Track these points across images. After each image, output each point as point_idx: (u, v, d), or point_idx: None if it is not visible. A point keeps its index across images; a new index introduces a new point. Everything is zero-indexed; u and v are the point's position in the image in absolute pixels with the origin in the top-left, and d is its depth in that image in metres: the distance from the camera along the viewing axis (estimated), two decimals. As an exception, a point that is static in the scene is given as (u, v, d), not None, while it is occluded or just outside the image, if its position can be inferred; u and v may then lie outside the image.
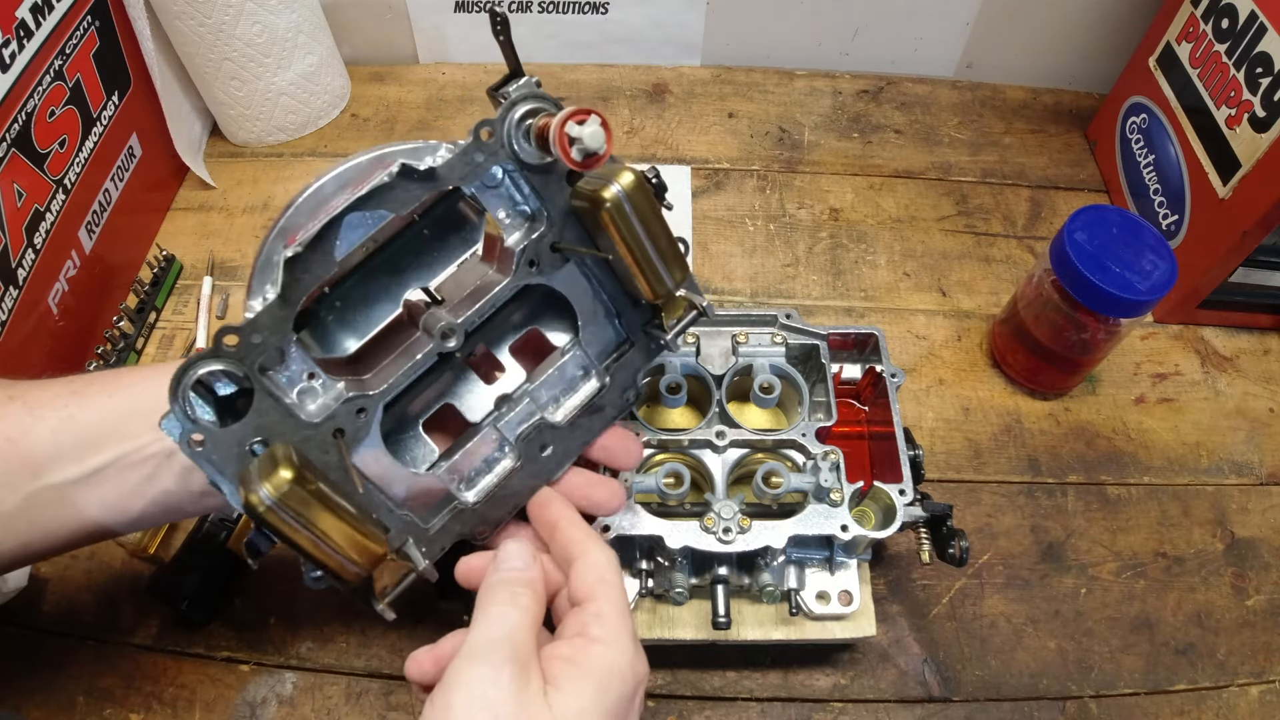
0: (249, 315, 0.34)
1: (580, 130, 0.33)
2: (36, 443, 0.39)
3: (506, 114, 0.37)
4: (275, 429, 0.35)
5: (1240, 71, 0.65)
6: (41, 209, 0.63)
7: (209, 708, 0.55)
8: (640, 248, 0.37)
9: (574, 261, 0.41)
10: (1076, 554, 0.62)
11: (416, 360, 0.38)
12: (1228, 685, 0.57)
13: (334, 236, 0.36)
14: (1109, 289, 0.58)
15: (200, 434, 0.34)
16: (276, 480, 0.31)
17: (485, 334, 0.44)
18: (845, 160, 0.87)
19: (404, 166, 0.35)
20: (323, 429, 0.37)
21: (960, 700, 0.56)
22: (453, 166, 0.36)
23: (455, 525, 0.41)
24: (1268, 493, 0.66)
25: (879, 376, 0.54)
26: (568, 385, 0.44)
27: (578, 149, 0.34)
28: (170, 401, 0.33)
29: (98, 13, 0.70)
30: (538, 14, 0.91)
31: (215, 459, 0.34)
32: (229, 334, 0.34)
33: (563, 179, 0.39)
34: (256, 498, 0.31)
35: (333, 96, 0.88)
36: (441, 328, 0.38)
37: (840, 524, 0.47)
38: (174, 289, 0.76)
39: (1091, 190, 0.86)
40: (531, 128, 0.36)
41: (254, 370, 0.35)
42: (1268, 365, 0.73)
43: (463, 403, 0.44)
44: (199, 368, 0.34)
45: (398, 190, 0.36)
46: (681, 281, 0.40)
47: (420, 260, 0.41)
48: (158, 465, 0.40)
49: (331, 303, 0.40)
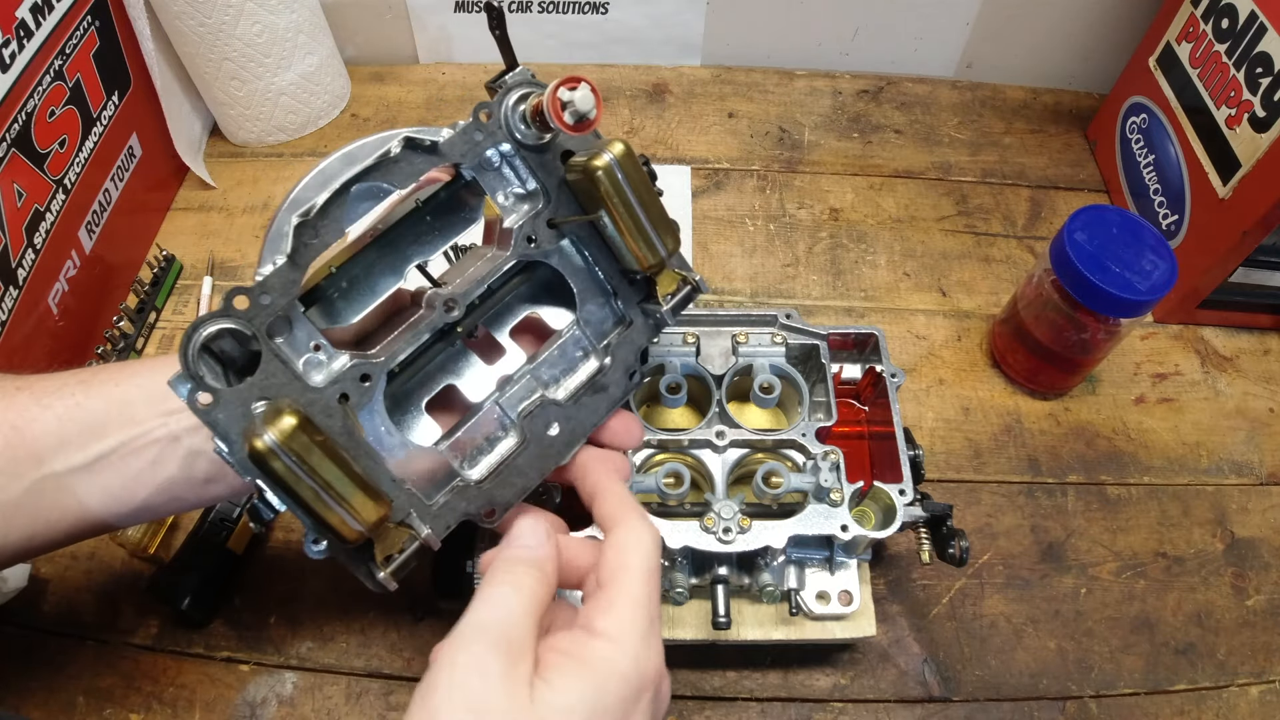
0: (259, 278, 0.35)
1: (571, 95, 0.36)
2: (42, 431, 0.39)
3: (504, 97, 0.39)
4: (281, 391, 0.36)
5: (1240, 71, 0.65)
6: (41, 209, 0.63)
7: (209, 708, 0.55)
8: (632, 213, 0.39)
9: (571, 241, 0.43)
10: (1076, 554, 0.62)
11: (419, 331, 0.40)
12: (1228, 685, 0.57)
13: (341, 206, 0.37)
14: (1109, 289, 0.58)
15: (208, 394, 0.34)
16: (281, 425, 0.32)
17: (486, 315, 0.45)
18: (845, 160, 0.87)
19: (409, 140, 0.38)
20: (327, 394, 0.37)
21: (960, 700, 0.56)
22: (454, 144, 0.39)
23: (460, 503, 0.41)
24: (1268, 493, 0.66)
25: (879, 376, 0.54)
26: (569, 365, 0.45)
27: (570, 112, 0.36)
28: (180, 359, 0.34)
29: (98, 13, 0.70)
30: (538, 14, 0.91)
31: (221, 419, 0.35)
32: (239, 295, 0.35)
33: (557, 157, 0.41)
34: (261, 441, 0.31)
35: (333, 96, 0.88)
36: (444, 299, 0.40)
37: (840, 524, 0.47)
38: (174, 289, 0.76)
39: (1091, 190, 0.86)
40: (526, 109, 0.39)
41: (262, 331, 0.36)
42: (1268, 365, 0.73)
43: (464, 384, 0.45)
44: (208, 325, 0.34)
45: (402, 163, 0.38)
46: (674, 250, 0.42)
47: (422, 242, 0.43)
48: (161, 450, 0.40)
49: (338, 282, 0.41)
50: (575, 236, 0.43)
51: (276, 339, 0.37)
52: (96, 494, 0.40)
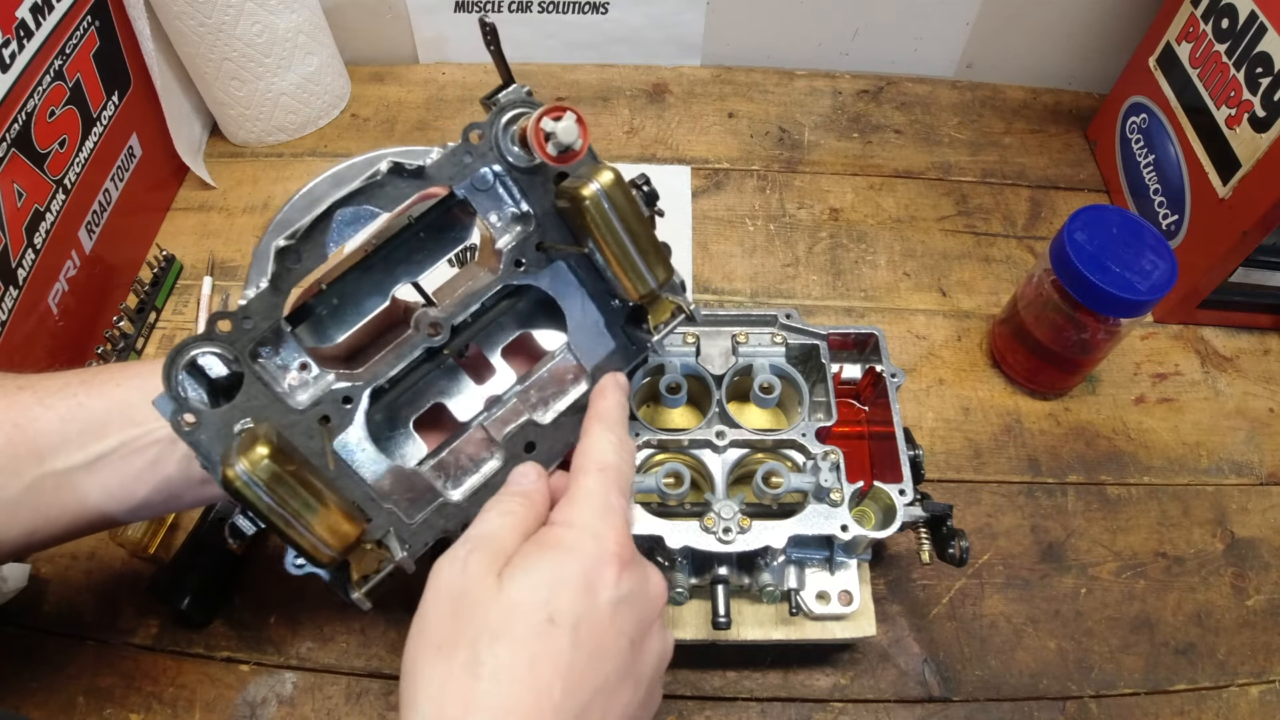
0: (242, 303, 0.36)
1: (554, 125, 0.35)
2: (44, 430, 0.39)
3: (495, 118, 0.38)
4: (263, 413, 0.36)
5: (1240, 71, 0.65)
6: (41, 209, 0.63)
7: (209, 708, 0.55)
8: (620, 245, 0.38)
9: (563, 263, 0.42)
10: (1076, 554, 0.62)
11: (404, 352, 0.40)
12: (1228, 685, 0.57)
13: (326, 230, 0.37)
14: (1109, 289, 0.58)
15: (191, 415, 0.35)
16: (253, 456, 0.32)
17: (477, 335, 0.45)
18: (845, 160, 0.87)
19: (394, 164, 0.37)
20: (309, 415, 0.38)
21: (960, 700, 0.56)
22: (442, 166, 0.38)
23: (439, 520, 0.41)
24: (1268, 493, 0.66)
25: (879, 376, 0.54)
26: (559, 388, 0.45)
27: (552, 144, 0.35)
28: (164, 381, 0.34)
29: (98, 13, 0.70)
30: (538, 14, 0.91)
31: (205, 440, 0.35)
32: (222, 319, 0.35)
33: (549, 180, 0.40)
34: (233, 471, 0.32)
35: (333, 97, 0.88)
36: (429, 321, 0.40)
37: (840, 524, 0.47)
38: (174, 289, 0.76)
39: (1091, 190, 0.86)
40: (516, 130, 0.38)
41: (245, 354, 0.36)
42: (1268, 365, 0.73)
43: (453, 403, 0.45)
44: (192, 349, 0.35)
45: (388, 187, 0.37)
46: (665, 282, 0.41)
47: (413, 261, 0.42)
48: (161, 451, 0.40)
49: (328, 300, 0.41)
50: (567, 261, 0.42)
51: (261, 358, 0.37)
52: (96, 492, 0.40)
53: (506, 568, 0.35)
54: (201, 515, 0.59)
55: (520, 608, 0.33)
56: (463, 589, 0.34)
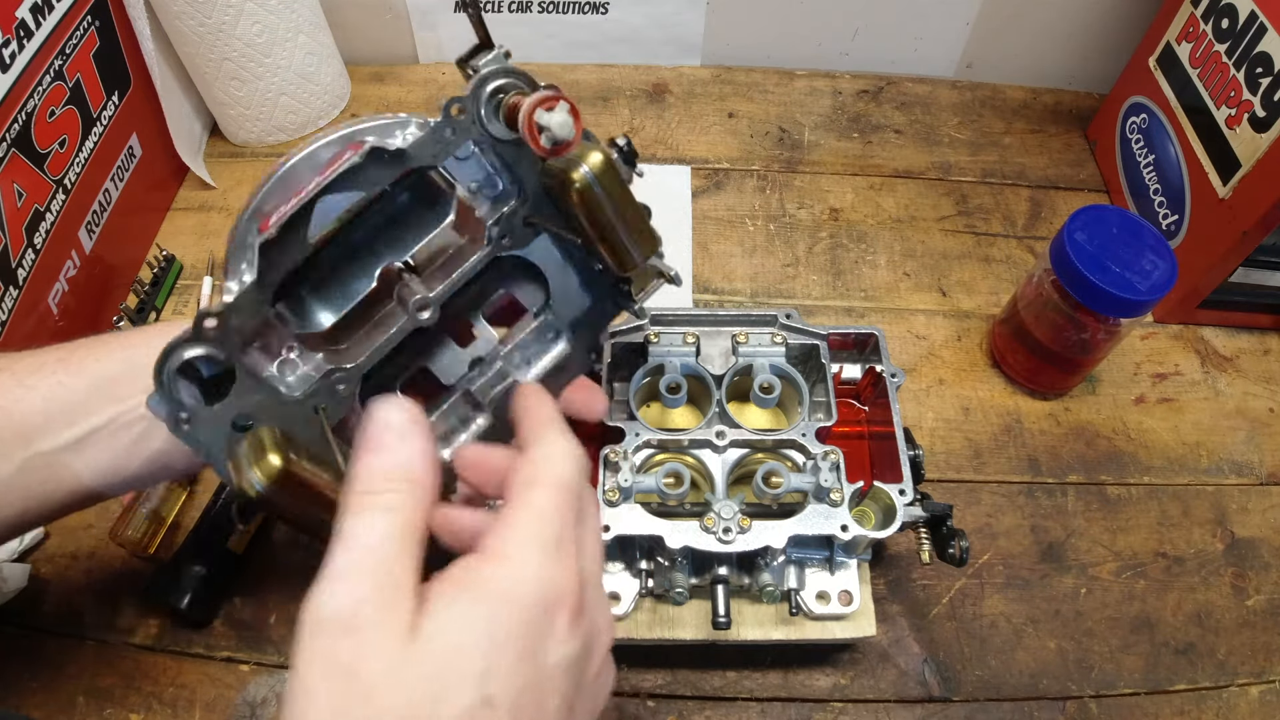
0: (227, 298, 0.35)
1: (549, 119, 0.33)
2: (28, 410, 0.39)
3: (478, 91, 0.37)
4: (258, 408, 0.36)
5: (1240, 71, 0.65)
6: (41, 209, 0.63)
7: (209, 708, 0.55)
8: (609, 227, 0.38)
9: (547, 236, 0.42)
10: (1076, 554, 0.62)
11: (392, 334, 0.39)
12: (1228, 685, 0.57)
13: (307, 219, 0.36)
14: (1109, 289, 0.58)
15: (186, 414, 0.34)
16: (267, 468, 0.32)
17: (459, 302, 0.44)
18: (845, 160, 0.87)
19: (374, 149, 0.35)
20: (305, 405, 0.37)
21: (960, 700, 0.56)
22: (424, 145, 0.37)
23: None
24: (1268, 493, 0.66)
25: (879, 376, 0.54)
26: (541, 347, 0.45)
27: (546, 137, 0.34)
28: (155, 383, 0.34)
29: (98, 13, 0.70)
30: (538, 14, 0.91)
31: (202, 438, 0.35)
32: (209, 318, 0.34)
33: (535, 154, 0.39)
34: (249, 484, 0.32)
35: (333, 96, 0.88)
36: (416, 302, 0.39)
37: (840, 524, 0.47)
38: (174, 289, 0.76)
39: (1091, 190, 0.86)
40: (502, 105, 0.36)
41: (235, 353, 0.35)
42: (1268, 365, 0.73)
43: (438, 366, 0.44)
44: (182, 353, 0.34)
45: (369, 170, 0.36)
46: (650, 254, 0.40)
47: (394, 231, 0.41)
48: (148, 424, 0.40)
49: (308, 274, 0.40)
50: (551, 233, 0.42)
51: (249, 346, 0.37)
52: (86, 470, 0.40)
53: (422, 620, 0.26)
54: (201, 515, 0.59)
55: (446, 684, 0.25)
56: (353, 660, 0.25)
